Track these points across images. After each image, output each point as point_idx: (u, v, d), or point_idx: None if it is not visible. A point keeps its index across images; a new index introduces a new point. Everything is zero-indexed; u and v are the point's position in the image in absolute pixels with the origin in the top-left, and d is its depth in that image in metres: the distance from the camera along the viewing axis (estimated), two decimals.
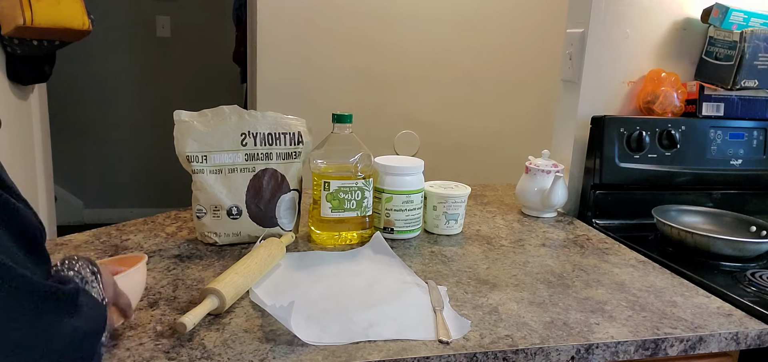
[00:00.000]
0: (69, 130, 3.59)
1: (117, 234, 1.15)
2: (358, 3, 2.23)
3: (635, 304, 0.94)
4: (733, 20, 1.35)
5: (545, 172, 1.36)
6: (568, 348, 0.81)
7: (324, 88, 2.26)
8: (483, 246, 1.18)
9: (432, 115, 2.40)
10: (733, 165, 1.40)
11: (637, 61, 1.41)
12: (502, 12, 2.37)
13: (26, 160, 1.96)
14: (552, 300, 0.94)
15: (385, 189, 1.17)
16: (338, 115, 1.13)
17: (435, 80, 2.38)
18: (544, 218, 1.39)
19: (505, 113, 2.47)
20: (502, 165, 2.39)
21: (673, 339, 0.85)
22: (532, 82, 2.45)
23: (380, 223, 1.18)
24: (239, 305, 0.87)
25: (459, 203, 1.22)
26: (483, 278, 1.02)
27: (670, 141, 1.35)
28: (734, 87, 1.34)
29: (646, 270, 1.09)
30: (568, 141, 1.44)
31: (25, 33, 1.69)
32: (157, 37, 3.70)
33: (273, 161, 1.10)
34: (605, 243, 1.24)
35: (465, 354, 0.77)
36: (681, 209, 1.32)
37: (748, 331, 0.88)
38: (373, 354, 0.75)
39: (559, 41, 1.55)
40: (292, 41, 2.19)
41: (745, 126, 1.41)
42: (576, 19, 1.41)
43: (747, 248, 1.16)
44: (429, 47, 2.34)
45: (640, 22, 1.39)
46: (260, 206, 1.10)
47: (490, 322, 0.86)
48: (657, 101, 1.37)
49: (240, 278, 0.88)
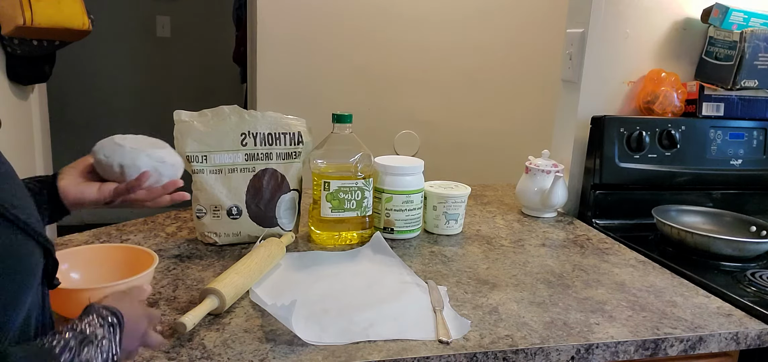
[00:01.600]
0: (69, 130, 3.59)
1: (117, 234, 1.15)
2: (358, 3, 2.23)
3: (635, 304, 0.94)
4: (733, 20, 1.35)
5: (545, 172, 1.36)
6: (568, 348, 0.81)
7: (324, 88, 2.26)
8: (483, 246, 1.18)
9: (432, 115, 2.40)
10: (733, 165, 1.40)
11: (637, 61, 1.41)
12: (502, 12, 2.37)
13: (26, 160, 1.96)
14: (552, 300, 0.94)
15: (385, 189, 1.17)
16: (338, 115, 1.13)
17: (435, 80, 2.38)
18: (544, 218, 1.39)
19: (505, 113, 2.47)
20: (502, 165, 2.39)
21: (673, 339, 0.85)
22: (532, 82, 2.45)
23: (380, 223, 1.18)
24: (239, 305, 0.87)
25: (459, 203, 1.22)
26: (483, 278, 1.02)
27: (670, 141, 1.35)
28: (734, 87, 1.34)
29: (646, 270, 1.09)
30: (568, 141, 1.44)
31: (25, 33, 1.69)
32: (157, 37, 3.70)
33: (273, 161, 1.10)
34: (605, 243, 1.24)
35: (465, 354, 0.77)
36: (681, 209, 1.32)
37: (748, 331, 0.88)
38: (373, 354, 0.75)
39: (559, 41, 1.55)
40: (292, 41, 2.19)
41: (745, 126, 1.40)
42: (576, 19, 1.41)
43: (747, 248, 1.16)
44: (429, 47, 2.33)
45: (640, 22, 1.39)
46: (260, 206, 1.10)
47: (490, 322, 0.86)
48: (657, 101, 1.37)
49: (240, 278, 0.88)
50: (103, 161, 0.79)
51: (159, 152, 0.83)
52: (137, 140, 0.83)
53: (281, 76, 2.21)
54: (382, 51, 2.30)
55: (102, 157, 0.80)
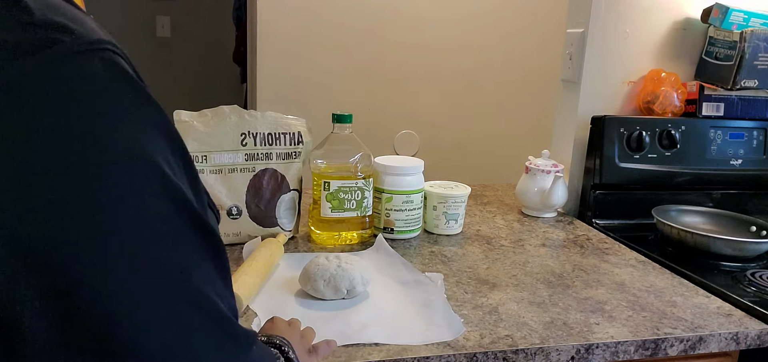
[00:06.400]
0: None
1: None
2: (358, 3, 2.23)
3: (635, 304, 0.94)
4: (733, 20, 1.35)
5: (545, 171, 1.36)
6: (568, 348, 0.81)
7: (324, 88, 2.26)
8: (483, 246, 1.18)
9: (432, 115, 2.40)
10: (733, 165, 1.40)
11: (637, 61, 1.41)
12: (502, 12, 2.37)
13: None
14: (552, 300, 0.94)
15: (385, 189, 1.17)
16: (338, 115, 1.13)
17: (435, 80, 2.38)
18: (544, 218, 1.39)
19: (505, 113, 2.47)
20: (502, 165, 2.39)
21: (673, 339, 0.85)
22: (532, 82, 2.45)
23: (380, 223, 1.18)
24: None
25: (459, 203, 1.22)
26: (483, 278, 1.02)
27: (670, 141, 1.35)
28: (734, 87, 1.34)
29: (646, 270, 1.09)
30: (568, 141, 1.44)
31: None
32: (157, 37, 3.70)
33: (273, 161, 1.10)
34: (605, 243, 1.24)
35: (465, 354, 0.77)
36: (681, 209, 1.32)
37: (748, 331, 0.88)
38: (374, 354, 0.75)
39: (559, 41, 1.55)
40: (292, 41, 2.19)
41: (745, 126, 1.40)
42: (576, 19, 1.41)
43: (747, 248, 1.16)
44: (429, 47, 2.34)
45: (640, 22, 1.39)
46: (260, 206, 1.10)
47: (490, 322, 0.86)
48: (657, 101, 1.37)
49: (250, 278, 0.89)
50: None
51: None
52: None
53: (281, 76, 2.21)
54: (382, 51, 2.30)
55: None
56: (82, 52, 0.36)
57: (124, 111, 0.38)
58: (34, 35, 0.35)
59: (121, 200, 0.36)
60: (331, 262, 0.90)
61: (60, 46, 0.35)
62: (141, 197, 0.37)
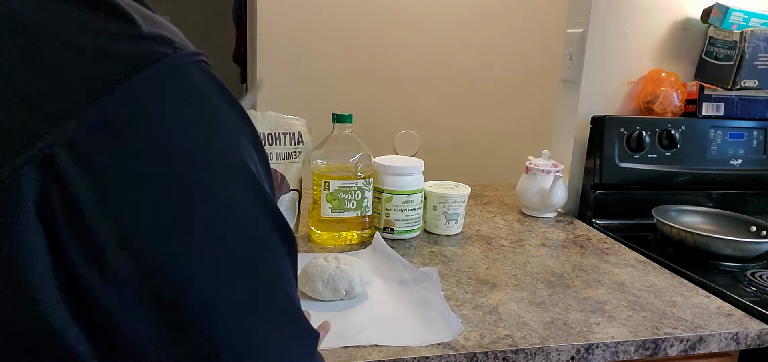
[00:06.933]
0: None
1: None
2: (358, 3, 2.23)
3: (635, 304, 0.94)
4: (733, 20, 1.35)
5: (545, 171, 1.36)
6: (568, 348, 0.81)
7: (324, 88, 2.26)
8: (483, 246, 1.18)
9: (432, 115, 2.40)
10: (733, 165, 1.40)
11: (637, 61, 1.41)
12: (502, 12, 2.37)
13: None
14: (552, 300, 0.94)
15: (385, 189, 1.17)
16: (338, 115, 1.13)
17: (435, 80, 2.38)
18: (544, 218, 1.39)
19: (505, 113, 2.47)
20: (502, 165, 2.39)
21: (673, 339, 0.85)
22: (532, 82, 2.45)
23: (380, 223, 1.18)
24: None
25: (459, 203, 1.22)
26: (483, 278, 1.02)
27: (670, 141, 1.35)
28: (734, 87, 1.34)
29: (646, 270, 1.09)
30: (568, 141, 1.44)
31: None
32: None
33: (273, 161, 1.10)
34: (605, 243, 1.24)
35: (465, 354, 0.77)
36: (681, 209, 1.32)
37: (748, 331, 0.88)
38: (373, 355, 0.75)
39: (559, 41, 1.55)
40: (292, 41, 2.19)
41: (745, 126, 1.40)
42: (576, 19, 1.41)
43: (747, 248, 1.16)
44: (429, 47, 2.33)
45: (640, 22, 1.39)
46: None
47: (490, 322, 0.86)
48: (657, 101, 1.37)
49: None
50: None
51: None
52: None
53: (281, 76, 2.21)
54: (382, 51, 2.30)
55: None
56: (184, 64, 0.37)
57: (224, 121, 0.38)
58: (145, 48, 0.35)
59: (232, 214, 0.37)
60: (329, 263, 0.90)
61: (167, 58, 0.36)
62: (245, 209, 0.38)
